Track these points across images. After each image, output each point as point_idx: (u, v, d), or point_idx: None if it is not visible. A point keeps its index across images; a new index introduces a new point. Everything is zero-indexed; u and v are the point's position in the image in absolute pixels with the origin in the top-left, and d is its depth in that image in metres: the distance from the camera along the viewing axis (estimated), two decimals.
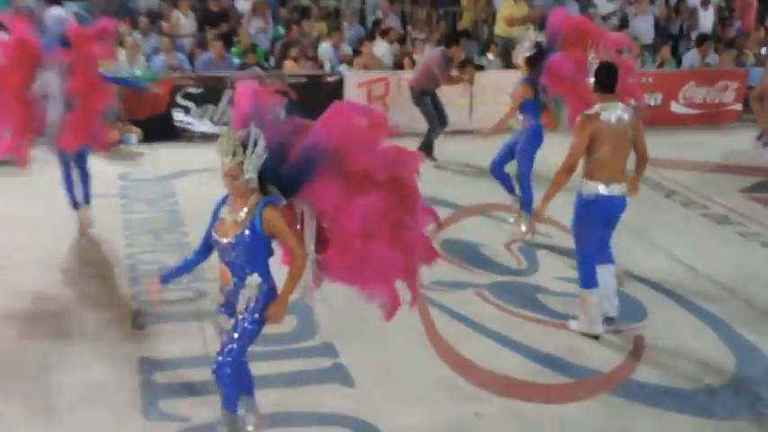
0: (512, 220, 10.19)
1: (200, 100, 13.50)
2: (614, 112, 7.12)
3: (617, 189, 7.17)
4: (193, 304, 7.58)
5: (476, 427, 6.16)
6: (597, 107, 7.18)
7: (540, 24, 16.04)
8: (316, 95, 13.70)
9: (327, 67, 14.56)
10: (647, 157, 7.45)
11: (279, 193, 5.09)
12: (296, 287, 5.18)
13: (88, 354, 6.85)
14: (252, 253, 5.07)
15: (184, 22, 14.98)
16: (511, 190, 10.09)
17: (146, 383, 6.38)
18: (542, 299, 8.24)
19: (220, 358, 5.23)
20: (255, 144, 4.86)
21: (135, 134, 12.52)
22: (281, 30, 15.55)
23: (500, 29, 15.91)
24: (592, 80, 7.33)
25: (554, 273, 8.86)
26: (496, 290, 8.35)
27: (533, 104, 9.57)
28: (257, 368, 6.62)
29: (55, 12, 12.57)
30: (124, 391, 6.31)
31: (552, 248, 9.52)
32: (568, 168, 7.22)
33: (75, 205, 9.54)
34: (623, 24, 16.55)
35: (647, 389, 6.71)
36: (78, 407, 6.13)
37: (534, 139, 9.64)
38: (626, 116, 7.16)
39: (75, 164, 9.32)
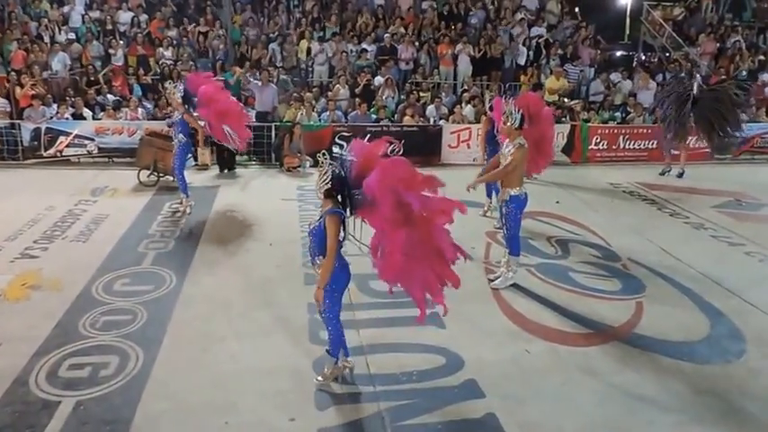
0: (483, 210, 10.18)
1: (349, 140, 13.35)
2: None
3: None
4: None
5: (527, 359, 5.96)
6: (522, 139, 7.15)
7: (570, 94, 15.84)
8: (424, 139, 13.72)
9: (432, 121, 14.43)
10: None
11: (345, 207, 5.00)
12: (326, 275, 4.97)
13: (276, 298, 6.89)
14: (319, 240, 5.01)
15: (342, 91, 15.04)
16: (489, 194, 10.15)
17: (311, 320, 6.36)
18: (572, 276, 7.92)
19: (323, 314, 5.28)
20: (326, 172, 4.89)
21: (308, 161, 12.67)
22: (403, 96, 15.46)
23: (546, 96, 15.53)
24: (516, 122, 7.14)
25: (580, 258, 8.52)
26: (541, 268, 8.09)
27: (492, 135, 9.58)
28: (383, 314, 6.62)
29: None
30: (298, 323, 6.31)
31: (578, 242, 9.15)
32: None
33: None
34: (632, 94, 15.94)
35: (644, 339, 6.39)
36: (270, 333, 6.16)
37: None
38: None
39: None
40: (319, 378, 5.44)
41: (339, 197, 4.98)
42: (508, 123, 7.14)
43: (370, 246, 5.10)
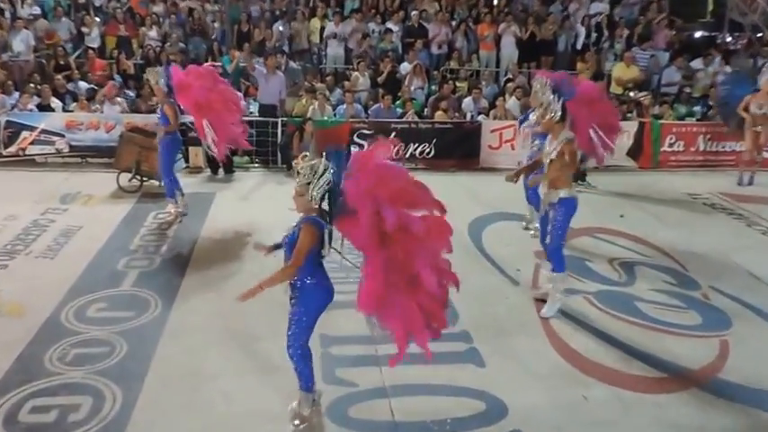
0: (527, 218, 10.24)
1: (370, 139, 13.44)
2: None
3: None
4: None
5: (585, 408, 5.93)
6: (568, 133, 7.22)
7: (641, 85, 15.77)
8: (460, 138, 13.76)
9: (469, 117, 14.46)
10: None
11: (326, 218, 5.06)
12: (275, 284, 5.13)
13: (281, 328, 6.86)
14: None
15: (362, 80, 15.16)
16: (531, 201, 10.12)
17: (325, 355, 6.39)
18: (640, 306, 7.87)
19: (287, 342, 5.35)
20: (323, 173, 4.97)
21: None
22: (434, 87, 15.55)
23: (613, 87, 15.49)
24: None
25: (649, 285, 8.48)
26: (602, 297, 8.06)
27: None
28: (411, 348, 6.55)
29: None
30: None
31: (647, 265, 9.12)
32: None
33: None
34: (712, 85, 15.88)
35: (730, 386, 6.32)
36: (278, 369, 6.17)
37: None
38: None
39: None
40: (296, 423, 5.47)
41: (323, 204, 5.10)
42: (548, 117, 7.23)
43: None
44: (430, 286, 4.81)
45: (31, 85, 13.72)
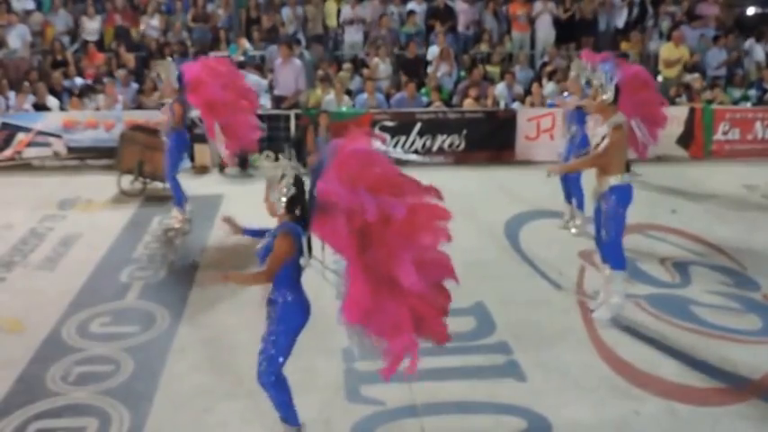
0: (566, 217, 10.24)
1: (393, 132, 13.51)
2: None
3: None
4: None
5: (636, 423, 5.91)
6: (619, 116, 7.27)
7: (692, 67, 15.65)
8: (493, 128, 13.73)
9: (502, 105, 14.42)
10: None
11: (304, 225, 4.97)
12: (242, 282, 5.92)
13: (299, 342, 6.92)
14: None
15: (383, 67, 15.18)
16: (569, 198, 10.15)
17: (348, 371, 6.41)
18: (695, 310, 7.84)
19: (258, 366, 5.24)
20: (284, 177, 4.94)
21: None
22: (463, 73, 15.53)
23: (662, 70, 15.38)
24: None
25: (705, 287, 8.44)
26: (653, 300, 8.02)
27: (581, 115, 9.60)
28: (440, 362, 6.62)
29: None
30: (330, 376, 6.36)
31: (702, 265, 9.10)
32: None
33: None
34: None
35: None
36: (296, 386, 6.14)
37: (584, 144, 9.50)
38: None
39: None
40: None
41: (297, 210, 5.03)
42: (603, 97, 7.26)
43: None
44: (409, 283, 4.60)
45: (26, 83, 13.82)
